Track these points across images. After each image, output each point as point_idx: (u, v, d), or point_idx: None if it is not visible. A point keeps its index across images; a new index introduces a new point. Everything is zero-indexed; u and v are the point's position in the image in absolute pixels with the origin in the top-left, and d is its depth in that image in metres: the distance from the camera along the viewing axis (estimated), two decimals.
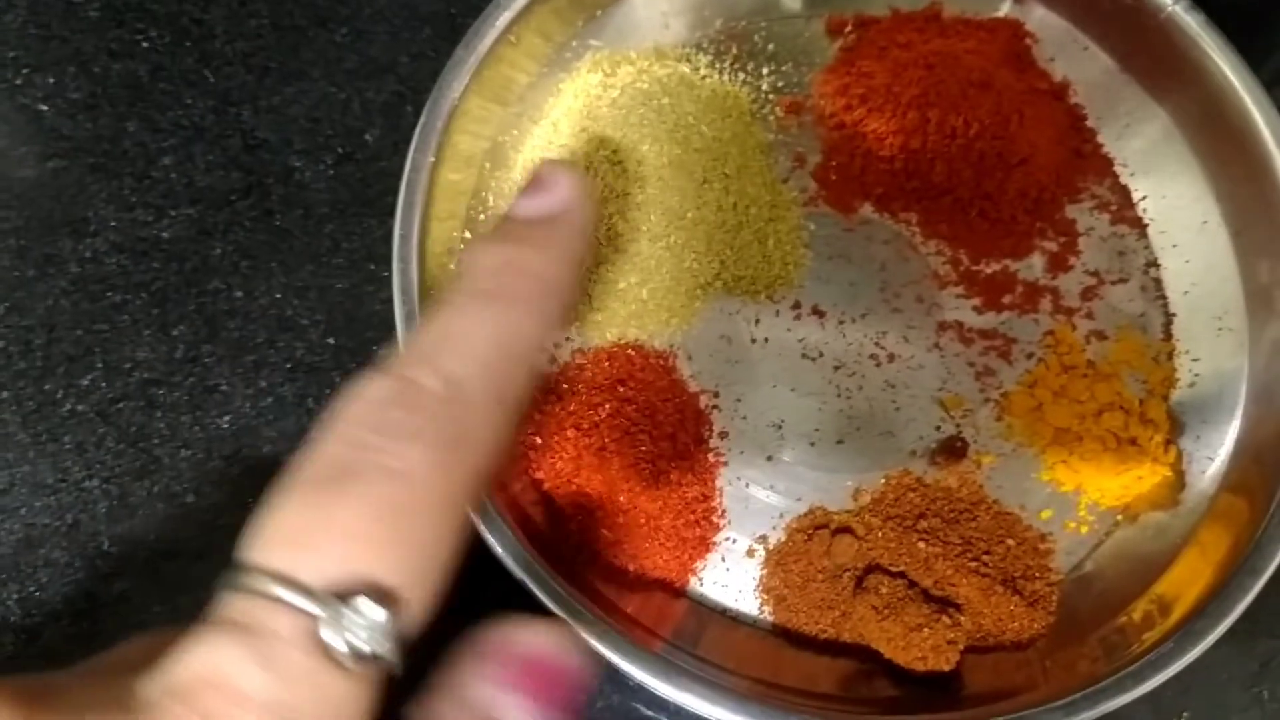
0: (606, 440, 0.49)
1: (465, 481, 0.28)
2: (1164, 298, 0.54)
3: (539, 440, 0.50)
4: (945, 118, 0.53)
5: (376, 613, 0.25)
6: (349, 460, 0.26)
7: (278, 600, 0.24)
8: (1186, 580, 0.48)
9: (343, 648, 0.24)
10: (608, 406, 0.50)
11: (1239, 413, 0.51)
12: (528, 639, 0.28)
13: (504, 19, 0.52)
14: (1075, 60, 0.56)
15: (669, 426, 0.50)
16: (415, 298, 0.47)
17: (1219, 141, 0.52)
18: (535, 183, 0.35)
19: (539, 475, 0.50)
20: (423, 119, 0.49)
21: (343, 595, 0.25)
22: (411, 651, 0.26)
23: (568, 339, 0.52)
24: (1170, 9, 0.51)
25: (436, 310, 0.30)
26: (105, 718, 0.24)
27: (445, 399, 0.28)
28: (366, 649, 0.25)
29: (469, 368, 0.29)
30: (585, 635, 0.42)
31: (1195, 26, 0.51)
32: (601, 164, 0.52)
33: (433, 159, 0.49)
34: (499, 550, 0.43)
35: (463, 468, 0.27)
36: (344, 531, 0.25)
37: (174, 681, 0.24)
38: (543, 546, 0.46)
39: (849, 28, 0.58)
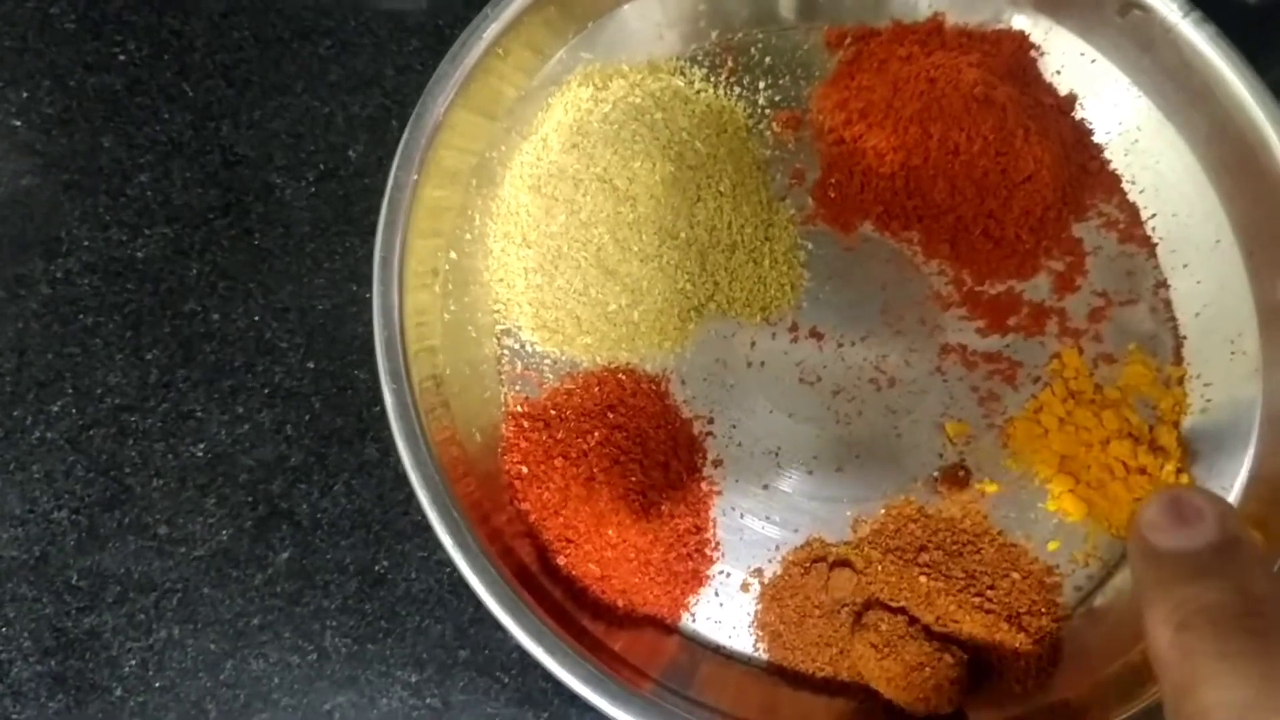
0: (595, 470, 0.47)
1: None
2: (1174, 320, 0.52)
3: (525, 470, 0.48)
4: (947, 133, 0.52)
5: None
6: None
7: None
8: None
9: None
10: (597, 434, 0.48)
11: (1254, 439, 0.49)
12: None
13: (492, 31, 0.50)
14: (1082, 73, 0.55)
15: (661, 455, 0.49)
16: (396, 322, 0.46)
17: (1231, 157, 0.51)
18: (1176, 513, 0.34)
19: (525, 506, 0.48)
20: (406, 135, 0.47)
21: None
22: None
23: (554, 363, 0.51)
24: (1180, 21, 0.49)
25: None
26: None
27: None
28: None
29: None
30: (567, 677, 0.40)
31: (1206, 39, 0.49)
32: (592, 182, 0.50)
33: (416, 177, 0.47)
34: (477, 585, 0.42)
35: None
36: None
37: None
38: (527, 581, 0.45)
39: (849, 40, 0.56)
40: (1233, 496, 0.49)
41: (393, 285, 0.46)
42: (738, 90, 0.56)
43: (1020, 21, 0.55)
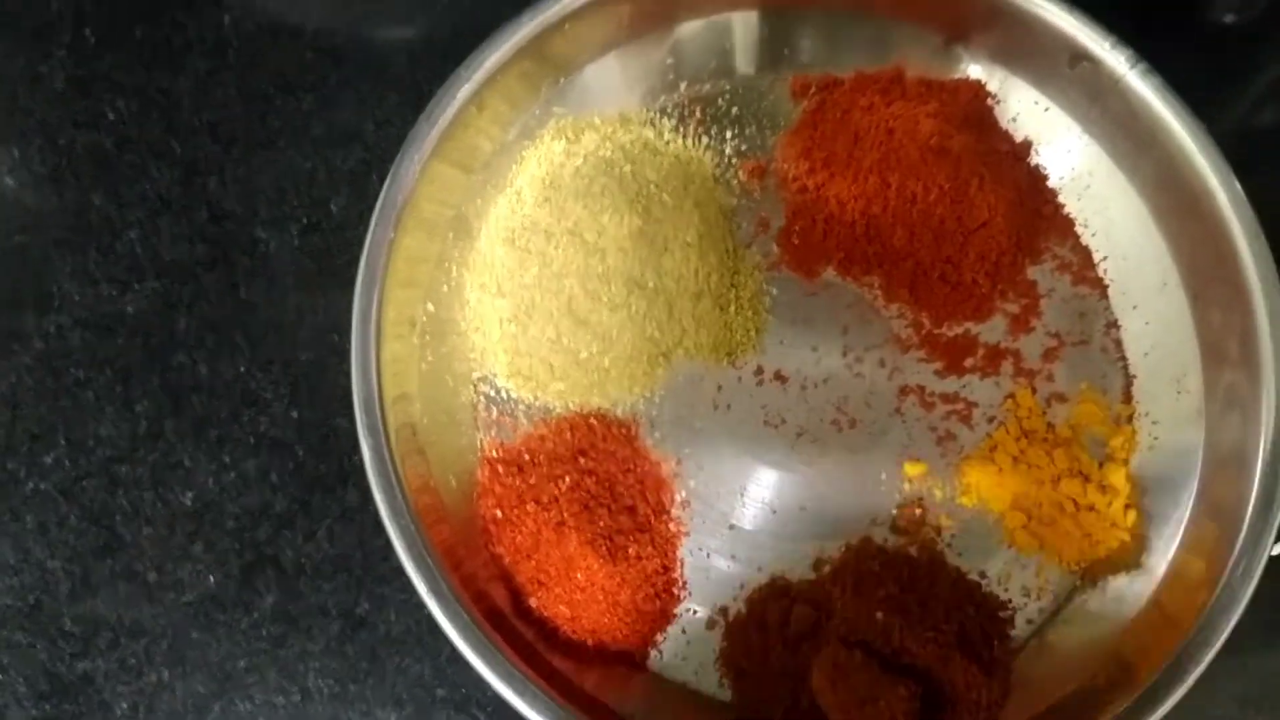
0: (565, 515, 0.49)
1: None
2: (1124, 359, 0.55)
3: (500, 514, 0.50)
4: (905, 183, 0.54)
5: None
6: None
7: None
8: (1148, 643, 0.48)
9: None
10: (568, 479, 0.50)
11: (1196, 474, 0.51)
12: None
13: (467, 87, 0.52)
14: (1037, 121, 0.57)
15: (629, 499, 0.51)
16: (374, 377, 0.48)
17: (1176, 203, 0.53)
18: None
19: (499, 550, 0.50)
20: (382, 195, 0.49)
21: None
22: None
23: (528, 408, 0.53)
24: (1127, 73, 0.51)
25: None
26: None
27: None
28: None
29: None
30: (537, 718, 0.43)
31: (1152, 90, 0.51)
32: (563, 235, 0.52)
33: (392, 235, 0.49)
34: (449, 629, 0.44)
35: None
36: None
37: None
38: (499, 623, 0.47)
39: (813, 89, 0.58)
40: (1178, 527, 0.50)
41: (370, 340, 0.48)
42: (705, 140, 0.58)
43: (977, 71, 0.57)
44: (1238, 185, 0.49)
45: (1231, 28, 0.62)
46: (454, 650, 0.47)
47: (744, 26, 0.57)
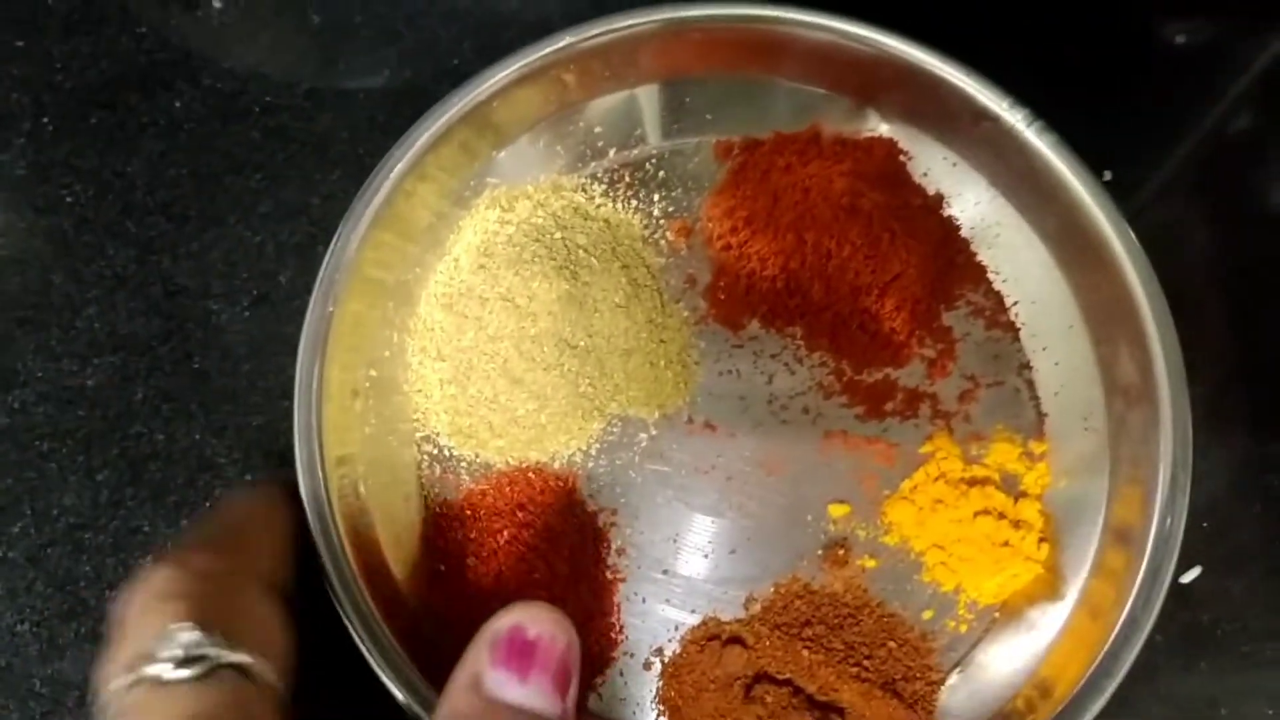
0: (503, 568, 0.52)
1: None
2: (1037, 399, 0.57)
3: (442, 568, 0.53)
4: (820, 240, 0.57)
5: None
6: None
7: None
8: (1063, 667, 0.51)
9: None
10: (506, 533, 0.53)
11: (1104, 505, 0.54)
12: (517, 620, 0.39)
13: (405, 162, 0.55)
14: (946, 175, 0.60)
15: (566, 549, 0.53)
16: (315, 441, 0.50)
17: (1077, 252, 0.55)
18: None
19: (443, 604, 0.52)
20: (321, 271, 0.52)
21: None
22: None
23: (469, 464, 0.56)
24: (1025, 131, 0.55)
25: None
26: None
27: None
28: None
29: None
30: None
31: (1048, 147, 0.54)
32: (496, 301, 0.55)
33: (332, 309, 0.52)
34: (389, 682, 0.46)
35: None
36: None
37: None
38: (440, 675, 0.49)
39: (735, 151, 0.61)
40: (1088, 560, 0.53)
41: (311, 410, 0.50)
42: (634, 203, 0.61)
43: (889, 129, 0.60)
44: (1132, 234, 0.52)
45: (1183, 47, 0.65)
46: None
47: (666, 96, 0.60)
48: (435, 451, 0.56)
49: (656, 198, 0.61)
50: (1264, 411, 0.59)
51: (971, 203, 0.59)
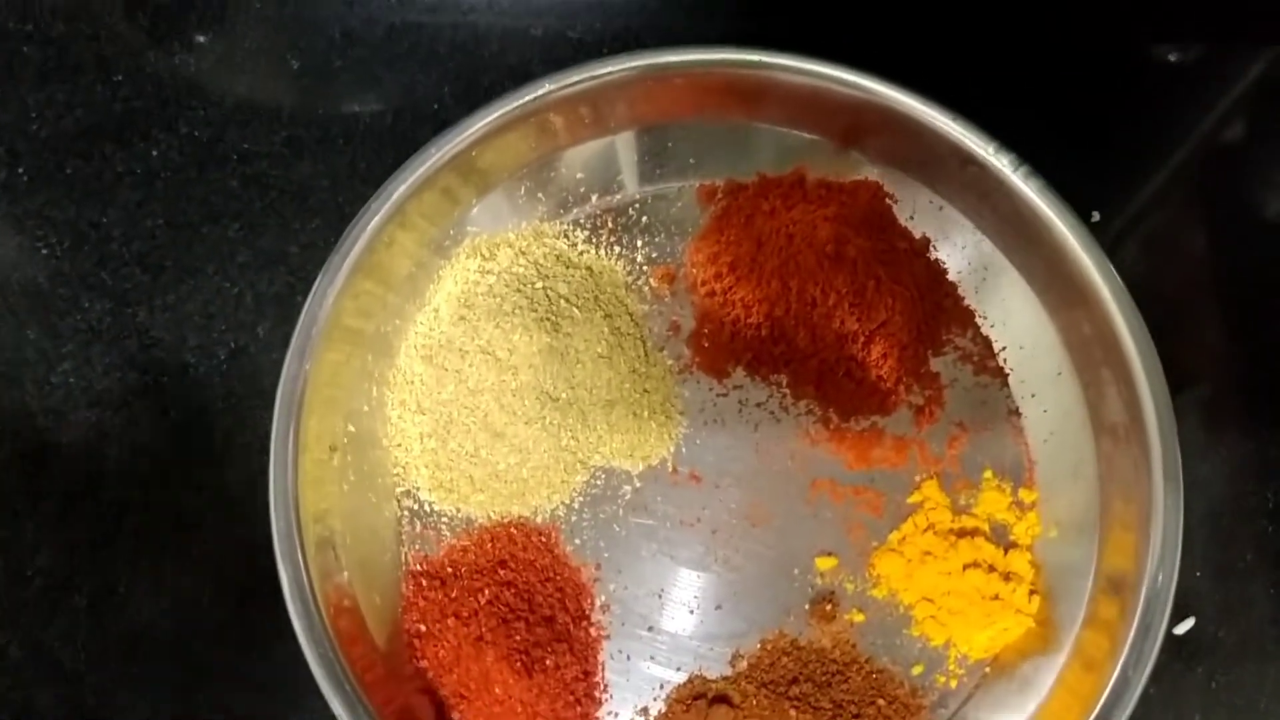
0: (484, 630, 0.51)
1: None
2: (1026, 446, 0.57)
3: (423, 628, 0.52)
4: (804, 287, 0.56)
5: None
6: None
7: None
8: None
9: None
10: (487, 593, 0.52)
11: (1095, 554, 0.53)
12: None
13: (385, 210, 0.54)
14: (933, 219, 0.59)
15: (547, 609, 0.53)
16: (290, 502, 0.49)
17: (1064, 296, 0.55)
18: None
19: (423, 664, 0.52)
20: (298, 328, 0.51)
21: None
22: None
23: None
24: (1011, 176, 0.54)
25: None
26: None
27: None
28: None
29: None
30: None
31: (1034, 191, 0.53)
32: (477, 354, 0.54)
33: (308, 367, 0.51)
34: None
35: None
36: None
37: None
38: None
39: (719, 194, 0.60)
40: (1081, 610, 0.52)
41: (287, 468, 0.50)
42: (618, 249, 0.60)
43: (874, 172, 0.59)
44: (1118, 277, 0.52)
45: (1177, 65, 0.65)
46: None
47: (649, 141, 0.60)
48: (415, 507, 0.56)
49: (640, 243, 0.60)
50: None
51: (959, 246, 0.59)
